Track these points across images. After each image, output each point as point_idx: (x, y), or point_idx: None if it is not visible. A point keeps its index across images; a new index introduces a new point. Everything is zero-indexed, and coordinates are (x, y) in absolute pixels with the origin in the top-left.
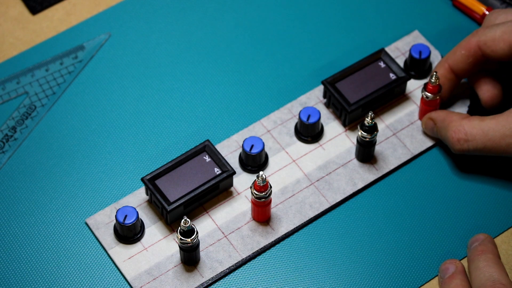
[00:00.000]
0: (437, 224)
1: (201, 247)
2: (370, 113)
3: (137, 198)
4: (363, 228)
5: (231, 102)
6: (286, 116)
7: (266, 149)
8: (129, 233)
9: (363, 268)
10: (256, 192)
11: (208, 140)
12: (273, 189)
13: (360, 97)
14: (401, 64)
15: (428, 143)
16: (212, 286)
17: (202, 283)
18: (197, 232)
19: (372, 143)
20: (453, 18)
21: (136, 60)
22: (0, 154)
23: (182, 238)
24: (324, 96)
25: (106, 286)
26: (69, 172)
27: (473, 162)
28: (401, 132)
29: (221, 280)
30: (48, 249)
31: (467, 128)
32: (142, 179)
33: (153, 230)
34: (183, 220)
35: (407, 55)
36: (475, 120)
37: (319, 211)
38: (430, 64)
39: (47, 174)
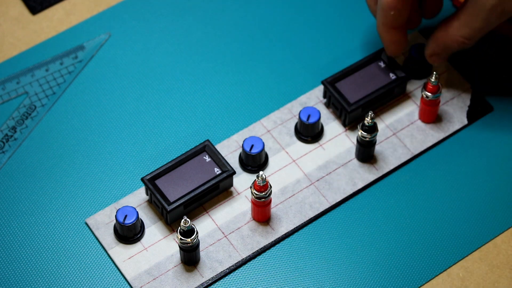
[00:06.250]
0: (437, 224)
1: (201, 247)
2: (370, 113)
3: (137, 198)
4: (363, 228)
5: (231, 102)
6: (286, 116)
7: (266, 149)
8: (129, 233)
9: (363, 268)
10: (256, 192)
11: (208, 140)
12: (273, 189)
13: (360, 97)
14: (401, 64)
15: (428, 143)
16: (212, 286)
17: (202, 283)
18: (197, 232)
19: (372, 143)
20: None
21: (136, 60)
22: (0, 154)
23: (182, 238)
24: (324, 96)
25: (106, 286)
26: (69, 172)
27: (473, 162)
28: (401, 132)
29: (221, 280)
30: (48, 249)
31: (459, 33)
32: (142, 179)
33: (153, 230)
34: (183, 220)
35: (407, 55)
36: (455, 23)
37: (319, 211)
38: (430, 64)
39: (47, 174)
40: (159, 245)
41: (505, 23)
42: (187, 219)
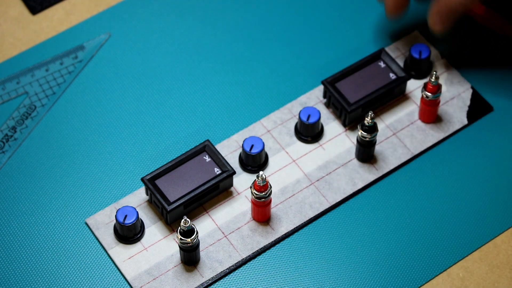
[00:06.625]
0: (437, 224)
1: (201, 247)
2: (370, 113)
3: (137, 198)
4: (363, 228)
5: (231, 102)
6: (286, 116)
7: (266, 149)
8: (129, 233)
9: (363, 268)
10: (256, 192)
11: (208, 140)
12: (273, 189)
13: (360, 97)
14: (401, 64)
15: (428, 143)
16: (212, 286)
17: (202, 283)
18: (197, 232)
19: (372, 143)
20: None
21: (136, 60)
22: (0, 154)
23: (182, 238)
24: (324, 96)
25: (106, 286)
26: (69, 172)
27: (473, 162)
28: (401, 132)
29: (221, 280)
30: (48, 249)
31: None
32: (142, 179)
33: (153, 230)
34: (183, 220)
35: (407, 55)
36: None
37: (319, 211)
38: (430, 64)
39: (47, 174)
40: (159, 245)
41: (505, 23)
42: (187, 219)
